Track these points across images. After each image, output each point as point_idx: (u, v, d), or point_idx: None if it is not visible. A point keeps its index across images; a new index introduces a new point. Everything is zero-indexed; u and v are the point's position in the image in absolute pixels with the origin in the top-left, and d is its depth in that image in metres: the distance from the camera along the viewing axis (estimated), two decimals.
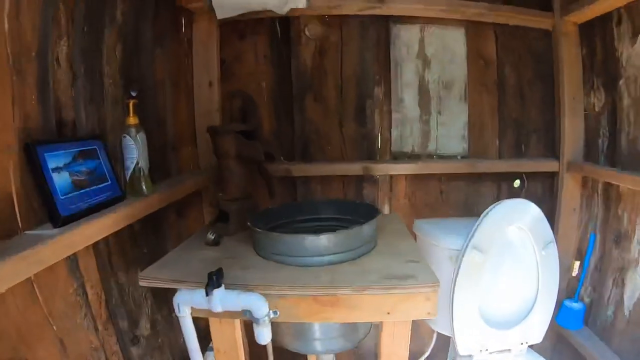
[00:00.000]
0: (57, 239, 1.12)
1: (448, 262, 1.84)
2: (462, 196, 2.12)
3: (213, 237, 1.63)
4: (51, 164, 1.21)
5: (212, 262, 1.42)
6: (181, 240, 1.83)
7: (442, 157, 2.12)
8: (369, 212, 1.63)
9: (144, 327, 1.66)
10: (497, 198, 2.10)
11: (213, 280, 1.20)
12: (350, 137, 2.12)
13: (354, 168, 2.03)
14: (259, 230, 1.46)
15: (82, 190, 1.31)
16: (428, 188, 2.12)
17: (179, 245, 1.63)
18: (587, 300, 2.06)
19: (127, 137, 1.49)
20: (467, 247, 1.76)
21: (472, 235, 1.76)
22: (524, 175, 2.12)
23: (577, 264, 2.09)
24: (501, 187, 2.13)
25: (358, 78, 2.09)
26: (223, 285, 1.22)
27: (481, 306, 1.81)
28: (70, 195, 1.25)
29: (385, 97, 2.11)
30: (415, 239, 1.95)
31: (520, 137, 2.14)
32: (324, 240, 1.40)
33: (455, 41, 2.10)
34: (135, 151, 1.49)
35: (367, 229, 1.47)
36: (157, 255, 1.50)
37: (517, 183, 2.12)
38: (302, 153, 2.14)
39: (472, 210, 2.10)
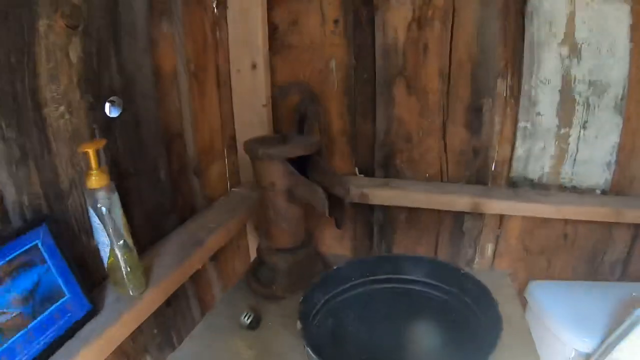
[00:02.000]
0: None
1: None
2: (590, 242, 1.22)
3: (249, 322, 0.90)
4: None
5: None
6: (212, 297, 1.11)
7: (575, 190, 1.19)
8: (481, 301, 0.88)
9: None
10: (630, 247, 1.20)
11: None
12: (456, 149, 1.20)
13: (460, 202, 1.14)
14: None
15: (17, 336, 0.58)
16: (549, 228, 1.22)
17: (200, 322, 0.92)
18: None
19: (91, 210, 0.70)
20: None
21: (613, 348, 0.94)
22: None
23: None
24: (638, 233, 1.19)
25: (474, 63, 1.13)
26: None
27: None
28: None
29: (512, 96, 1.15)
30: (525, 306, 1.15)
31: None
32: None
33: (617, 22, 1.06)
34: (103, 233, 0.70)
35: None
36: (175, 333, 0.91)
37: None
38: (384, 165, 1.25)
39: (597, 258, 1.22)
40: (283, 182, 0.94)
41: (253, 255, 1.27)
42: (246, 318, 0.91)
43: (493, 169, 1.19)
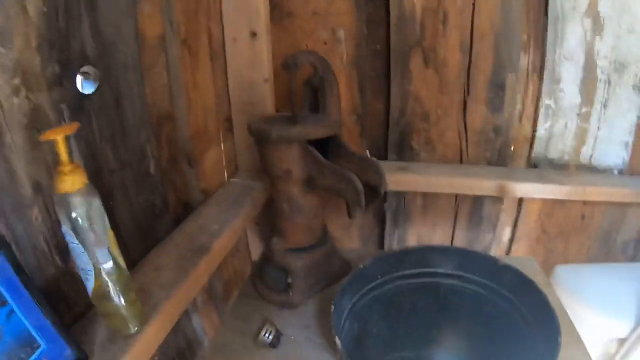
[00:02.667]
0: None
1: (597, 345, 0.93)
2: (606, 222, 1.09)
3: (270, 340, 0.71)
4: None
5: None
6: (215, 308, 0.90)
7: (594, 170, 1.05)
8: (522, 294, 0.74)
9: None
10: None
11: None
12: (476, 128, 1.02)
13: (485, 185, 0.97)
14: None
15: None
16: (568, 209, 1.08)
17: (210, 343, 0.73)
18: None
19: (64, 226, 0.46)
20: (635, 346, 0.87)
21: None
22: None
23: None
24: None
25: (498, 35, 0.95)
26: None
27: None
28: None
29: (534, 72, 0.98)
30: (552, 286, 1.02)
31: None
32: None
33: None
34: (83, 253, 0.46)
35: None
36: (179, 356, 0.72)
37: None
38: (398, 146, 1.06)
39: (610, 238, 1.10)
40: (303, 170, 0.74)
41: (254, 254, 1.07)
42: (267, 335, 0.71)
43: (513, 149, 1.04)
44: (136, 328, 0.52)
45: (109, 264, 0.49)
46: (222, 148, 0.93)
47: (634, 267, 1.06)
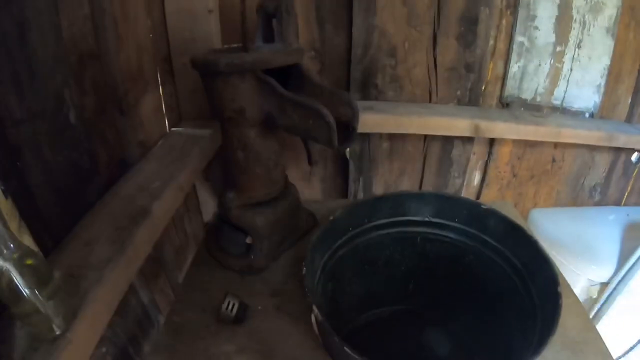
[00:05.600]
0: None
1: (579, 291, 0.97)
2: (575, 166, 1.12)
3: (234, 314, 0.65)
4: None
5: None
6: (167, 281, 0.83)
7: (566, 112, 1.05)
8: (511, 242, 0.70)
9: None
10: (609, 171, 1.13)
11: None
12: (447, 65, 0.98)
13: (460, 125, 0.94)
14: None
15: None
16: (539, 152, 1.09)
17: (164, 324, 0.66)
18: None
19: None
20: (619, 291, 0.91)
21: (630, 276, 0.89)
22: None
23: None
24: (619, 158, 1.12)
25: None
26: None
27: None
28: None
29: (508, 7, 0.94)
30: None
31: None
32: None
33: None
34: None
35: None
36: (132, 344, 0.67)
37: (635, 156, 1.13)
38: (362, 85, 1.00)
39: (578, 182, 1.14)
40: (259, 107, 0.65)
41: (206, 215, 1.00)
42: (229, 309, 0.64)
43: (484, 88, 1.01)
44: (61, 328, 0.43)
45: (10, 250, 0.39)
46: (161, 93, 0.83)
47: (605, 211, 1.12)
